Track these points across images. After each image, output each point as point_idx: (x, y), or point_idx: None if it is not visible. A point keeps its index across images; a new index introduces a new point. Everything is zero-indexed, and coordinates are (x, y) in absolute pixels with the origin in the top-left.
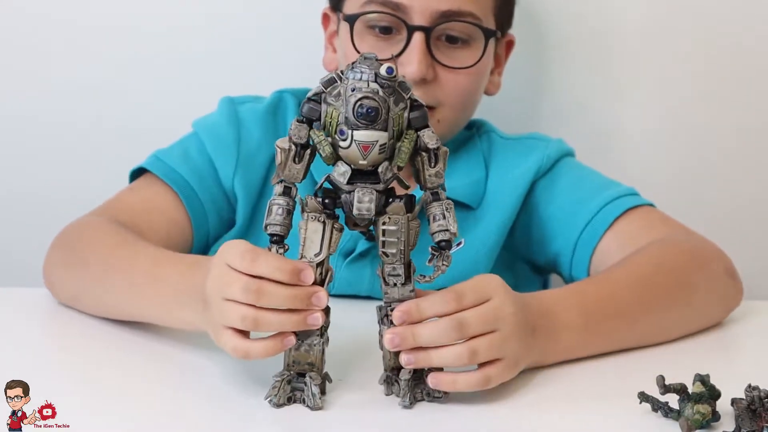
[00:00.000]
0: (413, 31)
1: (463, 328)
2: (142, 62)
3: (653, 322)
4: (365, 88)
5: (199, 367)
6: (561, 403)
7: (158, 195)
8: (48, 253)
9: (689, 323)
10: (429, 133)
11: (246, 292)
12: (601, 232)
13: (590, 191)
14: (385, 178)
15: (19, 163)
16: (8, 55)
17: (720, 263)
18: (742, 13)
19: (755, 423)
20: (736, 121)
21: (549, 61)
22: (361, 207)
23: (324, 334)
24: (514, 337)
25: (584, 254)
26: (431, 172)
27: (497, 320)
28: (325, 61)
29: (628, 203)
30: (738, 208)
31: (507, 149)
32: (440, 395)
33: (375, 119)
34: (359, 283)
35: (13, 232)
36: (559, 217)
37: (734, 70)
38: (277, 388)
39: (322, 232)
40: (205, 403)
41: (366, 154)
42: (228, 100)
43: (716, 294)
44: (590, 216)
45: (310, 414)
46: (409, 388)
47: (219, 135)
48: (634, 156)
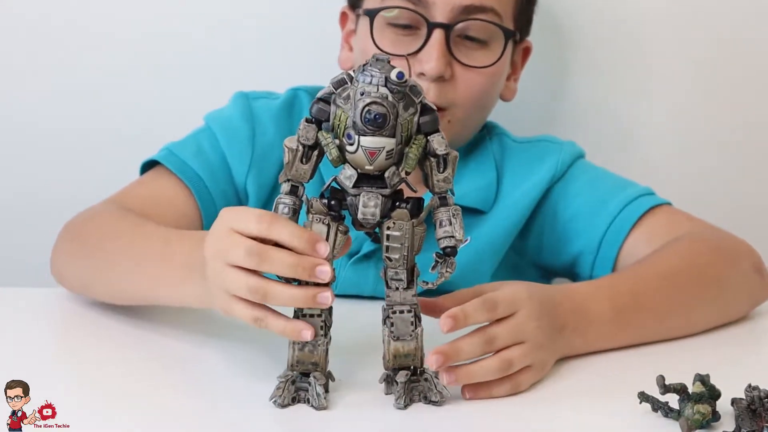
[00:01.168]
0: (433, 27)
1: (493, 343)
2: (143, 62)
3: (681, 316)
4: (374, 93)
5: (202, 367)
6: (561, 402)
7: (169, 188)
8: (56, 245)
9: (716, 318)
10: (438, 139)
11: (249, 255)
12: (627, 229)
13: (610, 191)
14: (391, 183)
15: (20, 164)
16: (8, 55)
17: (748, 259)
18: (751, 11)
19: (755, 423)
20: (758, 119)
21: (564, 62)
22: (366, 212)
23: (328, 334)
24: (539, 346)
25: (610, 253)
26: (439, 177)
27: (524, 333)
28: (340, 59)
29: (650, 201)
30: (760, 205)
31: (520, 153)
32: (437, 399)
33: (382, 125)
34: (363, 283)
35: (13, 232)
36: (579, 219)
37: (757, 70)
38: (282, 389)
39: (326, 234)
40: (209, 403)
41: (372, 160)
42: (242, 95)
43: (744, 290)
44: (613, 215)
45: (314, 414)
46: (404, 390)
47: (233, 131)
48: (651, 156)
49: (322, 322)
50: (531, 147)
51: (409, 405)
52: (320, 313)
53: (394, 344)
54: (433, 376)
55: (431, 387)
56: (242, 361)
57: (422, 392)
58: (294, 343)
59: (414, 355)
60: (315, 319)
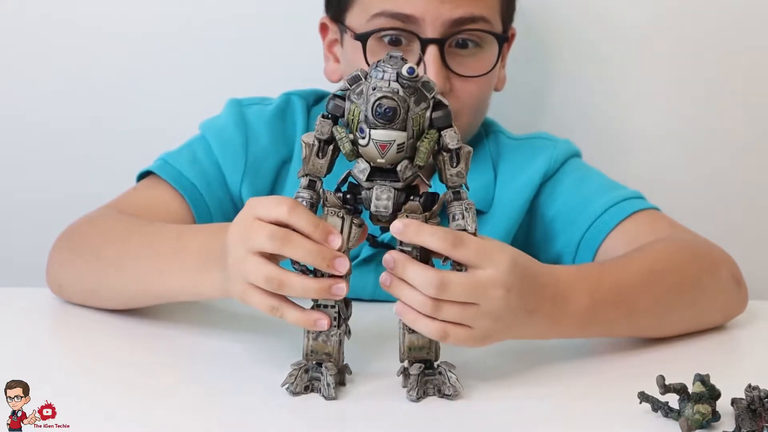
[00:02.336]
0: (427, 44)
1: (443, 289)
2: (143, 63)
3: (656, 317)
4: (385, 88)
5: (203, 366)
6: (560, 402)
7: (164, 195)
8: (51, 255)
9: (688, 324)
10: (451, 134)
11: (272, 239)
12: (606, 232)
13: (595, 192)
14: (404, 176)
15: (20, 164)
16: (8, 55)
17: (727, 269)
18: (752, 12)
19: (755, 423)
20: (746, 122)
21: (557, 62)
22: (379, 204)
23: (342, 326)
24: (491, 316)
25: (587, 254)
26: (452, 171)
27: (481, 296)
28: (327, 72)
29: (634, 206)
30: (745, 209)
31: (515, 151)
32: (450, 393)
33: (393, 119)
34: (362, 288)
35: (13, 232)
36: (562, 218)
37: (744, 71)
38: (294, 377)
39: (340, 227)
40: (211, 399)
41: (384, 153)
42: (235, 102)
43: (721, 299)
44: (595, 216)
45: (324, 403)
46: (418, 382)
47: (227, 139)
48: (640, 158)
49: (336, 313)
50: (526, 145)
51: (422, 398)
52: (334, 305)
53: (408, 337)
54: (447, 370)
55: (445, 380)
56: (249, 354)
57: (437, 385)
58: (308, 333)
59: (429, 348)
60: (329, 310)
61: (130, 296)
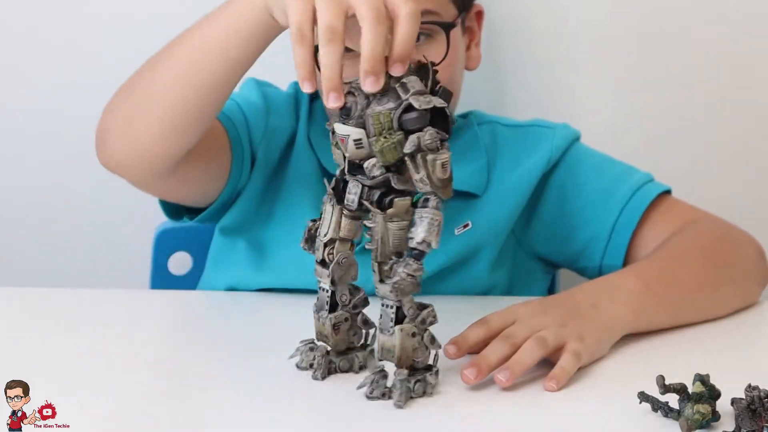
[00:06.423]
0: None
1: (511, 338)
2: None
3: (709, 293)
4: (354, 83)
5: (204, 366)
6: (560, 402)
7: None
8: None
9: (739, 298)
10: (412, 138)
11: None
12: (638, 216)
13: (617, 178)
14: (371, 174)
15: (19, 163)
16: (7, 54)
17: (753, 246)
18: (743, 11)
19: (755, 423)
20: (739, 119)
21: (551, 55)
22: (348, 198)
23: (337, 310)
24: (561, 324)
25: (622, 239)
26: (416, 177)
27: (539, 323)
28: None
29: (655, 189)
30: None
31: (512, 138)
32: (400, 402)
33: (348, 114)
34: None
35: (13, 232)
36: (588, 206)
37: (737, 67)
38: (301, 351)
39: (331, 214)
40: (213, 399)
41: (343, 147)
42: (255, 80)
43: (753, 274)
44: (623, 202)
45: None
46: (402, 387)
47: (252, 102)
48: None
49: (328, 297)
50: (523, 131)
51: (407, 401)
52: (327, 289)
53: (380, 335)
54: (432, 374)
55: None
56: (253, 357)
57: (421, 390)
58: (314, 313)
59: (393, 352)
60: (322, 294)
61: (169, 82)
